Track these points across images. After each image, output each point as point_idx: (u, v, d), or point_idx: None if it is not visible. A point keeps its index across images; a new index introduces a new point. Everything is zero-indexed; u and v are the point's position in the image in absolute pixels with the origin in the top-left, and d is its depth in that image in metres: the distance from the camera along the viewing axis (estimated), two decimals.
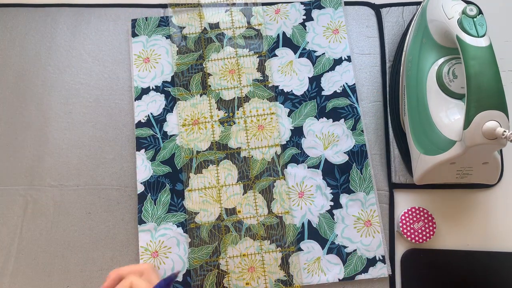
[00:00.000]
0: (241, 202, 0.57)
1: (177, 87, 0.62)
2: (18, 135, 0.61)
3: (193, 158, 0.59)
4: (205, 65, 0.62)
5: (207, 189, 0.58)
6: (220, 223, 0.57)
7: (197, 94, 0.61)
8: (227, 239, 0.56)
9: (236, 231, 0.56)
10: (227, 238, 0.56)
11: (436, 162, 0.49)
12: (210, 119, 0.60)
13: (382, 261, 0.55)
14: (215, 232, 0.56)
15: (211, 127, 0.60)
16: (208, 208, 0.57)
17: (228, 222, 0.57)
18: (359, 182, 0.57)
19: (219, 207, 0.57)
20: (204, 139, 0.60)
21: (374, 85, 0.62)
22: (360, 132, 0.59)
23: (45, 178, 0.59)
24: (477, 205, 0.58)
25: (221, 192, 0.58)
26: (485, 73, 0.44)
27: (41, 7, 0.66)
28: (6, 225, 0.58)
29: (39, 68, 0.63)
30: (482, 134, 0.44)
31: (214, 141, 0.60)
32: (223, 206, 0.57)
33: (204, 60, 0.63)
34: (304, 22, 0.64)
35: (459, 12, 0.48)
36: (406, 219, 0.56)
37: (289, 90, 0.61)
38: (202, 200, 0.57)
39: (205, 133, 0.60)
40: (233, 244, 0.56)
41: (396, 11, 0.65)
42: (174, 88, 0.62)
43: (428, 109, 0.52)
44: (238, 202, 0.57)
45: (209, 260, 0.55)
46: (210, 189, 0.58)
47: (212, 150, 0.59)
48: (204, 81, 0.62)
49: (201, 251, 0.56)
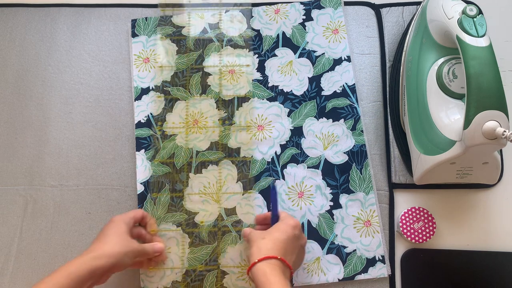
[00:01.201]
0: (240, 202, 0.57)
1: (176, 87, 0.62)
2: (18, 135, 0.61)
3: (193, 158, 0.59)
4: (205, 65, 0.62)
5: (207, 189, 0.58)
6: (220, 223, 0.57)
7: (196, 94, 0.61)
8: (226, 239, 0.56)
9: (236, 231, 0.56)
10: (227, 238, 0.56)
11: (436, 162, 0.49)
12: (210, 119, 0.60)
13: (381, 261, 0.55)
14: (215, 232, 0.56)
15: (211, 127, 0.60)
16: (207, 208, 0.57)
17: (227, 222, 0.57)
18: (358, 182, 0.57)
19: (219, 207, 0.57)
20: (204, 139, 0.60)
21: (374, 85, 0.62)
22: (359, 132, 0.59)
23: (45, 178, 0.59)
24: (477, 205, 0.58)
25: (221, 192, 0.58)
26: (485, 73, 0.44)
27: (41, 7, 0.66)
28: (6, 225, 0.58)
29: (39, 68, 0.63)
30: (482, 134, 0.44)
31: (214, 141, 0.60)
32: (223, 206, 0.57)
33: (204, 60, 0.63)
34: (304, 22, 0.64)
35: (459, 12, 0.48)
36: (406, 219, 0.55)
37: (288, 90, 0.61)
38: (202, 200, 0.57)
39: (204, 133, 0.60)
40: (232, 244, 0.56)
41: (396, 11, 0.64)
42: (173, 88, 0.62)
43: (428, 109, 0.52)
44: (238, 202, 0.57)
45: (208, 260, 0.55)
46: (210, 189, 0.58)
47: (211, 150, 0.59)
48: (204, 81, 0.62)
49: (200, 251, 0.56)
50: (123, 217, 0.50)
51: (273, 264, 0.44)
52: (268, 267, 0.44)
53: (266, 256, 0.45)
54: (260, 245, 0.46)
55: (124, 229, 0.49)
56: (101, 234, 0.49)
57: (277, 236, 0.47)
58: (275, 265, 0.44)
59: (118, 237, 0.48)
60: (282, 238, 0.47)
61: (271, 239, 0.47)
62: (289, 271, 0.46)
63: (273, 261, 0.45)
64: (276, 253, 0.45)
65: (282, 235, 0.47)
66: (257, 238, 0.48)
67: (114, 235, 0.48)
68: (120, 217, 0.50)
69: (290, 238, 0.47)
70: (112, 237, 0.47)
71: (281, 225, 0.49)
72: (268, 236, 0.47)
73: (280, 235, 0.47)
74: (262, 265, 0.44)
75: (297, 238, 0.48)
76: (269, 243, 0.46)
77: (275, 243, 0.46)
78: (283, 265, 0.45)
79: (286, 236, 0.47)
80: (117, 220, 0.50)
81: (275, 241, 0.46)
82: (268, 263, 0.44)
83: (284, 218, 0.50)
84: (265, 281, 0.43)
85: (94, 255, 0.45)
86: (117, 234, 0.48)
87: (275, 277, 0.43)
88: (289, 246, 0.47)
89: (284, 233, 0.47)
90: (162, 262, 0.55)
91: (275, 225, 0.49)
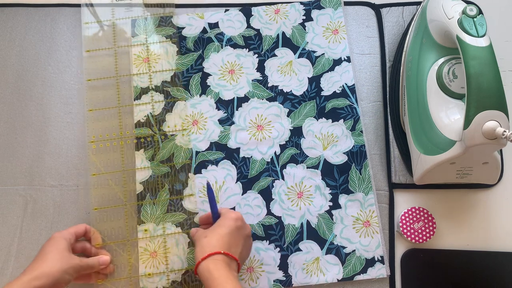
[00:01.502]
0: (240, 202, 0.57)
1: (176, 87, 0.62)
2: (18, 135, 0.61)
3: (192, 158, 0.59)
4: (205, 65, 0.62)
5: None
6: None
7: (196, 94, 0.61)
8: None
9: None
10: None
11: (436, 162, 0.49)
12: (210, 119, 0.60)
13: (380, 261, 0.55)
14: None
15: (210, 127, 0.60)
16: (207, 209, 0.57)
17: None
18: (358, 183, 0.57)
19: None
20: (204, 139, 0.60)
21: (374, 85, 0.62)
22: (359, 132, 0.59)
23: (45, 178, 0.59)
24: (477, 205, 0.57)
25: (220, 192, 0.58)
26: (485, 73, 0.44)
27: (41, 7, 0.66)
28: (6, 225, 0.58)
29: (39, 68, 0.63)
30: (482, 134, 0.44)
31: (213, 141, 0.60)
32: (222, 206, 0.57)
33: (204, 60, 0.63)
34: (304, 22, 0.64)
35: (459, 12, 0.48)
36: (406, 219, 0.55)
37: (288, 90, 0.61)
38: (201, 200, 0.57)
39: (204, 133, 0.60)
40: None
41: (396, 11, 0.64)
42: (173, 89, 0.62)
43: (428, 109, 0.52)
44: (237, 202, 0.57)
45: None
46: None
47: (211, 151, 0.59)
48: (204, 81, 0.62)
49: None
50: (63, 233, 0.50)
51: (217, 259, 0.45)
52: (212, 263, 0.45)
53: (209, 254, 0.45)
54: (203, 243, 0.47)
55: (64, 245, 0.49)
56: (41, 252, 0.48)
57: (219, 232, 0.48)
58: (219, 260, 0.45)
59: (57, 254, 0.47)
60: (224, 232, 0.47)
61: (214, 235, 0.48)
62: (236, 263, 0.47)
63: (217, 256, 0.45)
64: (219, 248, 0.46)
65: (224, 229, 0.48)
66: (199, 237, 0.49)
67: (53, 253, 0.47)
68: (60, 234, 0.50)
69: (233, 231, 0.48)
70: (51, 254, 0.47)
71: (222, 220, 0.49)
72: (210, 234, 0.48)
73: (222, 230, 0.48)
74: (206, 263, 0.45)
75: (240, 229, 0.49)
76: (212, 240, 0.47)
77: (218, 238, 0.47)
78: (228, 258, 0.46)
79: (228, 229, 0.48)
80: (57, 237, 0.49)
81: (218, 236, 0.47)
82: (212, 259, 0.45)
83: (225, 213, 0.51)
84: (209, 277, 0.44)
85: (34, 275, 0.45)
86: (57, 251, 0.48)
87: (218, 271, 0.44)
88: (233, 239, 0.48)
89: (226, 227, 0.48)
90: (110, 274, 0.54)
91: (217, 221, 0.50)
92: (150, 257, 0.56)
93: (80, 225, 0.54)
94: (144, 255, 0.56)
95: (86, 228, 0.54)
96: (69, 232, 0.51)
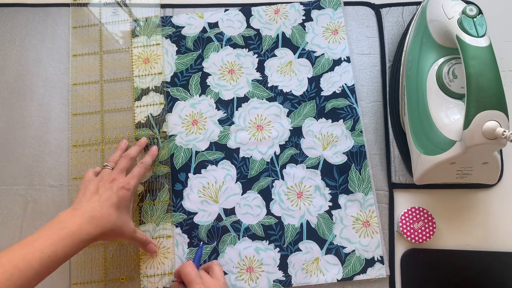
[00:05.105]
0: (239, 203, 0.57)
1: (176, 87, 0.62)
2: (18, 135, 0.61)
3: (192, 158, 0.59)
4: (204, 65, 0.62)
5: (206, 189, 0.58)
6: (219, 223, 0.57)
7: (196, 94, 0.61)
8: (225, 239, 0.56)
9: (235, 231, 0.56)
10: (226, 238, 0.56)
11: (436, 162, 0.49)
12: (209, 119, 0.60)
13: (380, 261, 0.55)
14: (214, 232, 0.56)
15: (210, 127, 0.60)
16: (206, 209, 0.57)
17: (226, 222, 0.57)
18: (357, 183, 0.57)
19: (218, 208, 0.57)
20: (203, 139, 0.60)
21: (374, 85, 0.62)
22: (359, 132, 0.59)
23: (45, 178, 0.59)
24: (477, 205, 0.57)
25: (220, 193, 0.58)
26: (485, 73, 0.44)
27: (41, 7, 0.66)
28: (6, 225, 0.58)
29: (40, 68, 0.63)
30: (482, 134, 0.44)
31: (213, 141, 0.60)
32: (222, 207, 0.57)
33: (203, 60, 0.63)
34: (304, 22, 0.64)
35: (459, 12, 0.48)
36: (406, 219, 0.55)
37: (288, 90, 0.61)
38: (201, 200, 0.57)
39: (204, 133, 0.60)
40: (231, 244, 0.56)
41: (396, 11, 0.64)
42: (173, 88, 0.62)
43: (428, 109, 0.52)
44: (237, 202, 0.57)
45: (208, 261, 0.55)
46: (209, 189, 0.58)
47: (211, 151, 0.59)
48: (203, 81, 0.62)
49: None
50: (132, 184, 0.52)
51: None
52: None
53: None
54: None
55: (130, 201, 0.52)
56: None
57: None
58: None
59: (125, 209, 0.51)
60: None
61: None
62: None
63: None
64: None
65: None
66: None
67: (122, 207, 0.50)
68: (132, 187, 0.52)
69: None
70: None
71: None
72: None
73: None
74: None
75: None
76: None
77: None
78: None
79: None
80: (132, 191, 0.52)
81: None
82: None
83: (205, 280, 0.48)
84: None
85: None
86: (127, 209, 0.52)
87: None
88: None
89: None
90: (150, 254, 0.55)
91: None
92: (150, 258, 0.56)
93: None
94: (144, 256, 0.56)
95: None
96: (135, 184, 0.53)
